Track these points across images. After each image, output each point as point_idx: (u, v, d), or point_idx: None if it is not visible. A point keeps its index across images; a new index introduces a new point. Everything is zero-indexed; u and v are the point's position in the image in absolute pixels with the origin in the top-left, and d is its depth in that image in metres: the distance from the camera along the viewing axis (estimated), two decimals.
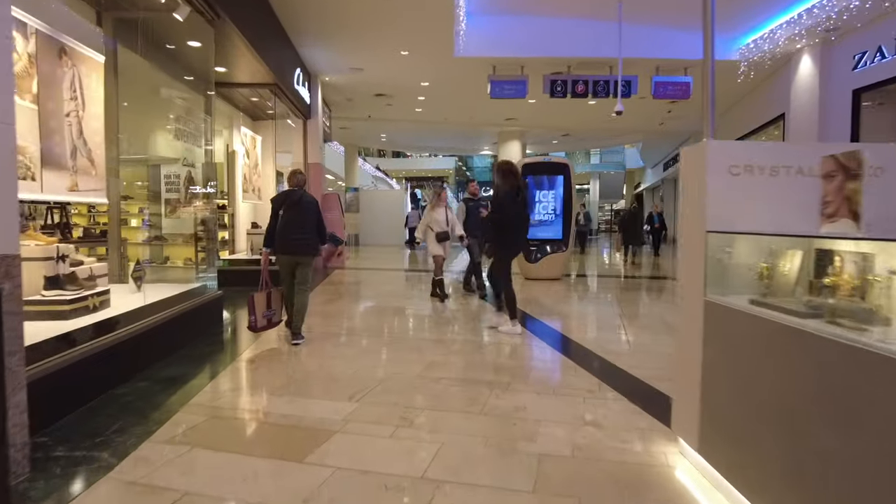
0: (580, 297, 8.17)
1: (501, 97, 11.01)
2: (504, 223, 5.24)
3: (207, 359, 4.49)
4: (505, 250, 5.47)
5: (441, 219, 7.24)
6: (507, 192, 5.22)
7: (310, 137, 11.61)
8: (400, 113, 15.62)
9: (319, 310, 6.69)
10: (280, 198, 5.11)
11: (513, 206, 5.22)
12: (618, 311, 6.75)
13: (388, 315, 6.49)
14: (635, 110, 15.41)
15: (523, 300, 7.34)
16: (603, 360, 4.39)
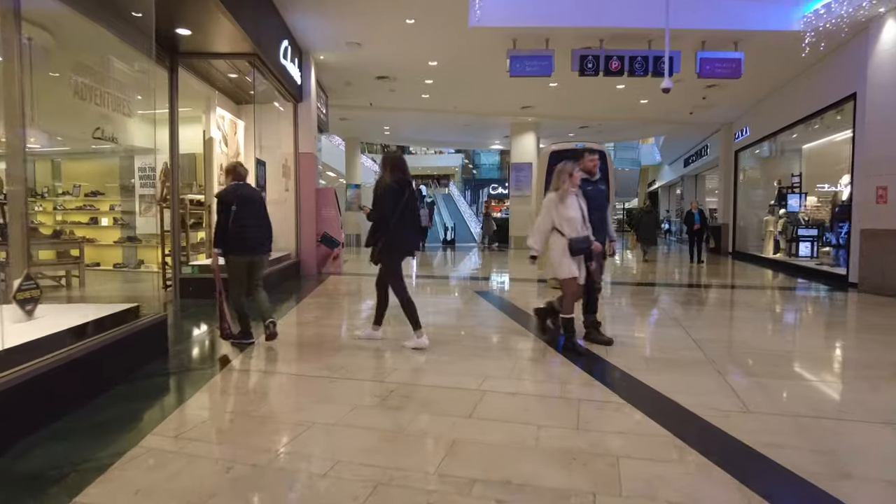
0: (631, 314, 6.64)
1: (522, 75, 9.50)
2: (384, 221, 4.54)
3: (111, 426, 3.01)
4: (394, 252, 4.70)
5: (575, 215, 4.41)
6: (389, 186, 4.53)
7: (301, 123, 10.13)
8: (404, 100, 14.12)
9: (293, 337, 5.20)
10: (231, 192, 4.64)
11: (395, 202, 4.53)
12: (691, 337, 5.23)
13: (405, 366, 5.01)
14: (663, 98, 13.86)
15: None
16: (714, 429, 2.88)
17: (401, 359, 4.22)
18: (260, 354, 4.43)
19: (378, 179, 4.69)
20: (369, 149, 43.07)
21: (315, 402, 3.29)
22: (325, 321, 5.66)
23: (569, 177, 4.42)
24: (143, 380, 3.63)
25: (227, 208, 4.50)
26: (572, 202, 4.42)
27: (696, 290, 8.98)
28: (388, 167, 4.65)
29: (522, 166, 18.24)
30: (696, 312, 6.73)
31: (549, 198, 4.50)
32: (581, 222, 4.42)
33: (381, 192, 4.55)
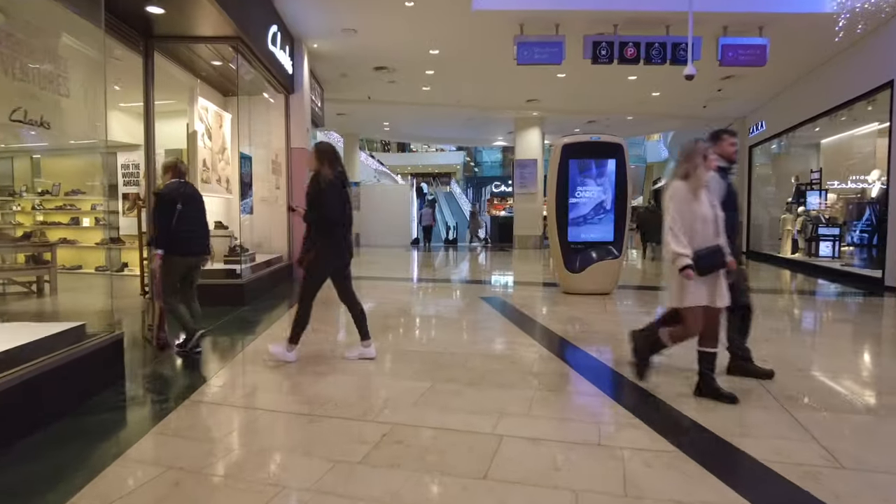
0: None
1: (531, 63, 8.81)
2: (329, 224, 3.97)
3: (16, 491, 2.34)
4: (332, 259, 4.10)
5: (709, 215, 3.22)
6: (330, 182, 3.97)
7: (294, 116, 9.46)
8: (404, 93, 13.43)
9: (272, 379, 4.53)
10: (176, 190, 4.38)
11: (339, 199, 4.00)
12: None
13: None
14: (677, 90, 13.21)
15: (579, 335, 5.16)
16: (806, 498, 2.21)
17: (398, 387, 3.55)
18: (230, 381, 3.77)
19: (314, 174, 4.03)
20: (369, 146, 42.40)
21: (290, 451, 2.63)
22: (313, 336, 4.99)
23: (703, 160, 3.17)
24: (80, 419, 2.97)
25: (172, 207, 4.25)
26: (704, 197, 3.22)
27: None
28: (327, 159, 4.03)
29: (527, 163, 17.57)
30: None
31: (677, 189, 3.23)
32: (715, 226, 3.22)
33: (322, 188, 3.95)
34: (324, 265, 4.07)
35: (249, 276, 7.00)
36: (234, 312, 6.11)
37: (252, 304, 6.72)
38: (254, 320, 5.80)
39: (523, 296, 7.75)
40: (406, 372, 3.84)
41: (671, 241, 3.18)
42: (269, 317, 5.96)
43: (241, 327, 5.52)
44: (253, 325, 5.60)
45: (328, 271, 4.15)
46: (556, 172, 7.52)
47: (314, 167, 4.05)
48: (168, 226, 4.23)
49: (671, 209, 3.22)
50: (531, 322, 5.71)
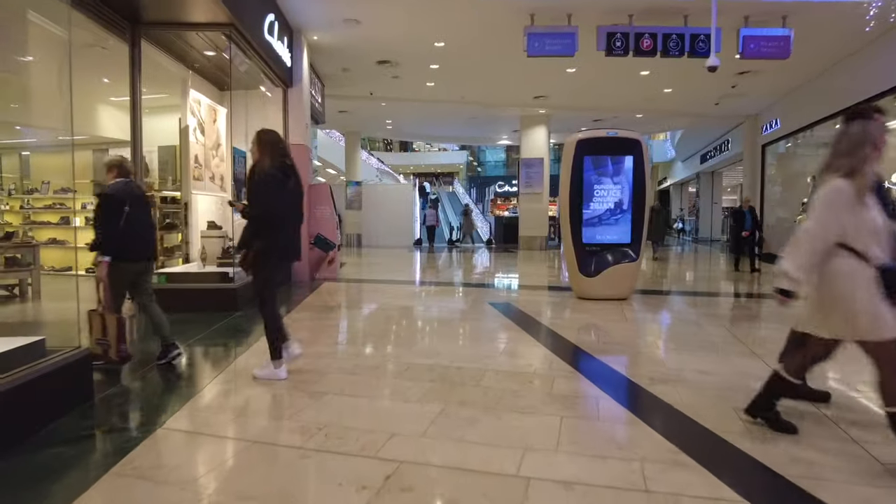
0: (685, 335, 5.49)
1: (542, 55, 8.36)
2: (273, 220, 3.55)
3: None
4: (277, 257, 3.70)
5: (876, 222, 2.48)
6: (270, 173, 3.54)
7: (292, 111, 9.02)
8: (408, 89, 12.99)
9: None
10: (123, 190, 4.02)
11: (281, 192, 3.58)
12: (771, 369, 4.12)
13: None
14: (690, 86, 12.76)
15: (602, 347, 4.71)
16: None
17: (403, 411, 3.10)
18: (211, 403, 3.32)
19: (253, 165, 3.64)
20: (371, 146, 41.99)
21: (275, 499, 2.18)
22: (310, 348, 4.55)
23: (873, 149, 2.46)
24: (30, 453, 2.52)
25: (119, 209, 3.91)
26: (871, 200, 2.48)
27: (754, 301, 7.85)
28: (267, 149, 3.62)
29: (533, 162, 17.12)
30: (771, 333, 5.60)
31: (840, 192, 2.45)
32: (887, 239, 2.49)
33: (261, 180, 3.54)
34: (268, 266, 3.67)
35: (243, 280, 6.56)
36: (225, 320, 5.67)
37: (245, 309, 6.28)
38: (245, 329, 5.35)
39: (534, 301, 7.30)
40: (413, 392, 3.38)
41: (787, 256, 2.53)
42: (262, 325, 5.50)
43: (230, 337, 5.08)
44: (243, 334, 5.15)
45: (279, 265, 3.80)
46: (570, 170, 7.07)
47: (254, 157, 3.64)
48: (115, 229, 3.89)
49: (819, 217, 2.47)
50: (546, 331, 5.26)
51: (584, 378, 3.75)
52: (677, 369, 3.94)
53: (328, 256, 9.24)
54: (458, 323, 5.67)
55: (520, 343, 4.78)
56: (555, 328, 5.36)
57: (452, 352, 4.38)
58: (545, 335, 5.11)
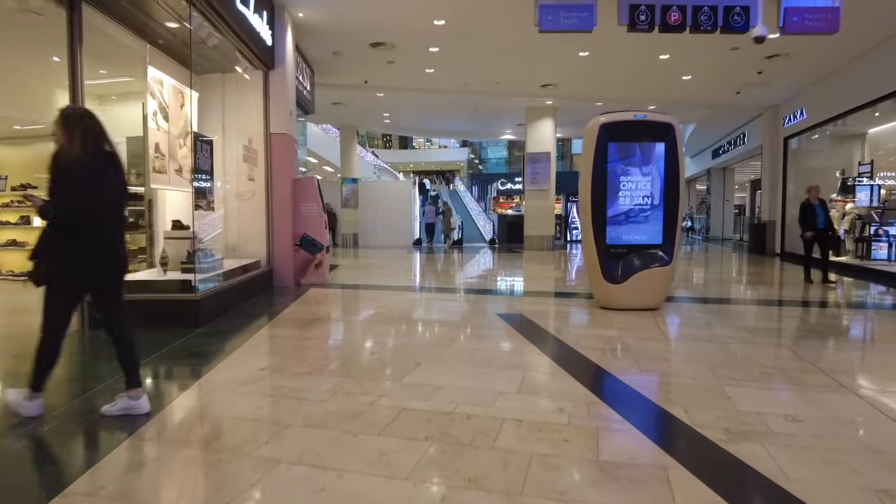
0: (768, 367, 4.44)
1: (555, 29, 7.34)
2: (73, 219, 2.73)
3: None
4: (77, 270, 2.80)
5: None
6: (80, 161, 2.73)
7: (274, 96, 8.02)
8: (405, 75, 11.98)
9: (215, 418, 3.13)
10: None
11: (95, 187, 2.77)
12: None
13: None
14: (712, 72, 11.75)
15: (650, 381, 3.69)
16: None
17: (384, 499, 2.11)
18: (140, 457, 2.33)
19: (56, 151, 2.78)
20: (370, 142, 41.00)
21: None
22: (275, 380, 3.57)
23: None
24: None
25: None
26: None
27: (808, 310, 6.85)
28: (76, 131, 2.78)
29: (539, 157, 16.14)
30: (848, 355, 4.60)
31: None
32: None
33: (67, 169, 2.74)
34: (66, 278, 2.81)
35: (208, 290, 5.57)
36: (180, 339, 4.68)
37: (210, 325, 5.29)
38: (202, 352, 4.36)
39: (548, 311, 6.30)
40: (403, 461, 2.39)
41: None
42: (225, 345, 4.52)
43: (178, 364, 4.09)
44: (197, 360, 4.16)
45: (77, 286, 2.92)
46: (592, 159, 6.07)
47: (59, 142, 2.79)
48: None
49: None
50: (570, 353, 4.27)
51: (636, 431, 2.76)
52: (755, 413, 2.95)
53: (315, 259, 8.25)
54: (463, 342, 4.67)
55: (541, 371, 3.78)
56: (580, 349, 4.37)
57: (457, 387, 3.39)
58: (571, 359, 4.12)
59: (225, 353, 4.26)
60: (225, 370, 3.83)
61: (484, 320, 5.66)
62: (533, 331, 5.13)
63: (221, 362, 4.02)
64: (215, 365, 3.95)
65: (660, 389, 3.38)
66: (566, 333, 4.97)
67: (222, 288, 6.02)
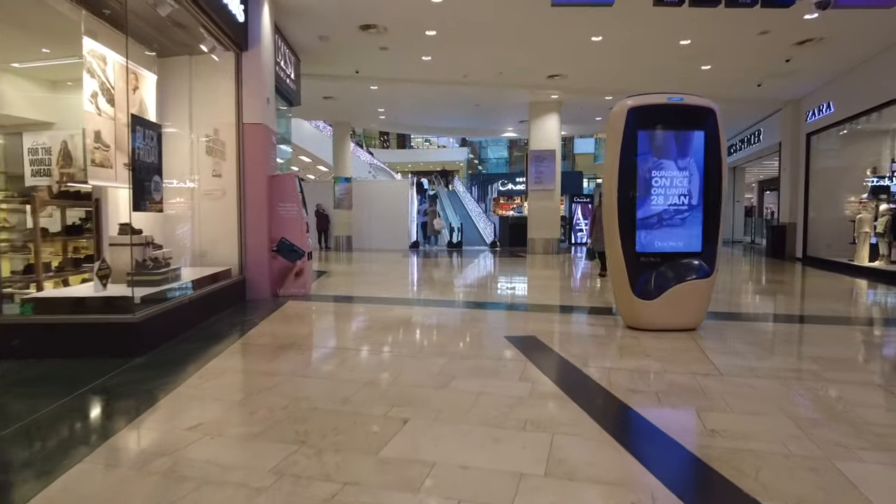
0: (881, 423, 3.42)
1: (571, 3, 6.37)
2: None
3: None
4: None
5: None
6: None
7: (248, 82, 7.02)
8: (400, 64, 10.99)
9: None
10: None
11: None
12: None
13: None
14: (735, 60, 10.74)
15: (724, 449, 2.65)
16: None
17: None
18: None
19: None
20: (367, 142, 40.00)
21: None
22: (211, 444, 2.59)
23: None
24: None
25: None
26: None
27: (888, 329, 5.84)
28: None
29: (543, 154, 15.15)
30: None
31: None
32: None
33: None
34: None
35: (154, 309, 4.55)
36: (107, 376, 3.67)
37: (154, 352, 4.29)
38: (123, 395, 3.35)
39: (567, 333, 5.29)
40: None
41: None
42: (159, 385, 3.51)
43: (77, 419, 3.08)
44: (112, 409, 3.15)
45: None
46: (619, 151, 5.07)
47: None
48: None
49: None
50: (608, 401, 3.26)
51: None
52: None
53: (295, 267, 7.24)
54: (465, 380, 3.65)
55: (572, 432, 2.77)
56: (617, 392, 3.37)
57: (457, 465, 2.38)
58: (608, 410, 3.12)
59: (153, 399, 3.25)
60: (140, 429, 2.83)
61: (489, 346, 4.66)
62: (551, 362, 4.13)
63: (142, 415, 3.01)
64: (132, 419, 2.94)
65: (745, 465, 2.37)
66: (594, 366, 3.96)
67: (176, 304, 5.00)
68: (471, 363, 4.03)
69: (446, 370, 3.83)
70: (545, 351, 4.44)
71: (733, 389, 3.43)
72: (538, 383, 3.53)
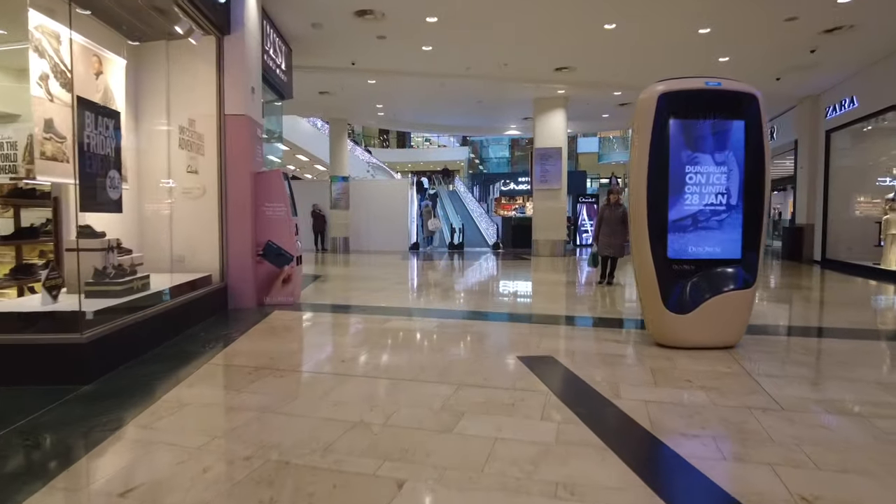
0: None
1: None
2: None
3: None
4: None
5: None
6: None
7: (229, 69, 6.36)
8: (399, 56, 10.34)
9: None
10: None
11: None
12: None
13: None
14: (756, 50, 10.07)
15: (767, 489, 1.97)
16: None
17: None
18: None
19: None
20: (367, 142, 39.37)
21: None
22: (170, 486, 1.95)
23: None
24: None
25: None
26: None
27: None
28: None
29: (549, 152, 14.52)
30: None
31: None
32: None
33: None
34: None
35: (106, 327, 3.89)
36: (42, 411, 3.02)
37: (106, 378, 3.64)
38: (60, 436, 2.70)
39: (590, 353, 4.63)
40: None
41: None
42: (98, 425, 2.86)
43: (20, 461, 2.43)
44: (28, 464, 2.50)
45: None
46: (649, 141, 4.42)
47: None
48: None
49: None
50: (654, 447, 2.62)
51: None
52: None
53: (283, 273, 6.59)
54: (474, 423, 3.00)
55: (616, 501, 2.11)
56: (662, 434, 2.72)
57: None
58: (657, 462, 2.48)
59: (86, 445, 2.60)
60: (56, 494, 2.17)
61: (501, 369, 4.00)
62: (575, 391, 3.47)
63: (67, 469, 2.36)
64: (51, 477, 2.28)
65: None
66: (628, 397, 3.30)
67: (140, 319, 4.34)
68: (480, 394, 3.37)
69: (451, 404, 3.17)
70: (566, 376, 3.79)
71: (807, 433, 2.77)
72: (565, 423, 2.88)
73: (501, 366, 4.07)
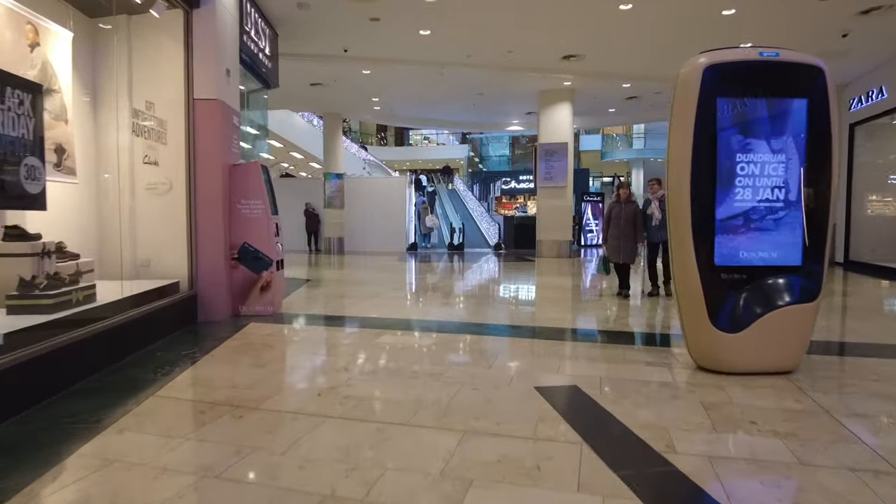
0: None
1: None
2: None
3: None
4: None
5: None
6: None
7: (199, 46, 5.57)
8: (395, 41, 9.55)
9: None
10: None
11: None
12: None
13: None
14: (784, 32, 9.25)
15: None
16: None
17: None
18: None
19: None
20: (364, 139, 38.56)
21: None
22: None
23: None
24: None
25: None
26: None
27: None
28: None
29: (554, 148, 13.75)
30: None
31: None
32: None
33: None
34: None
35: (21, 353, 3.11)
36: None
37: (16, 420, 2.86)
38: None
39: (621, 380, 3.83)
40: None
41: None
42: (4, 485, 2.08)
43: None
44: None
45: None
46: (692, 125, 3.64)
47: None
48: None
49: None
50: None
51: None
52: None
53: (261, 279, 5.80)
54: (483, 499, 2.23)
55: None
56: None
57: None
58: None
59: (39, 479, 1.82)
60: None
61: (516, 408, 3.20)
62: (618, 443, 2.69)
63: None
64: None
65: None
66: (685, 451, 2.52)
67: (75, 339, 3.56)
68: (493, 447, 2.59)
69: (455, 465, 2.39)
70: (599, 417, 3.01)
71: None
72: (613, 499, 2.10)
73: (517, 401, 3.28)
